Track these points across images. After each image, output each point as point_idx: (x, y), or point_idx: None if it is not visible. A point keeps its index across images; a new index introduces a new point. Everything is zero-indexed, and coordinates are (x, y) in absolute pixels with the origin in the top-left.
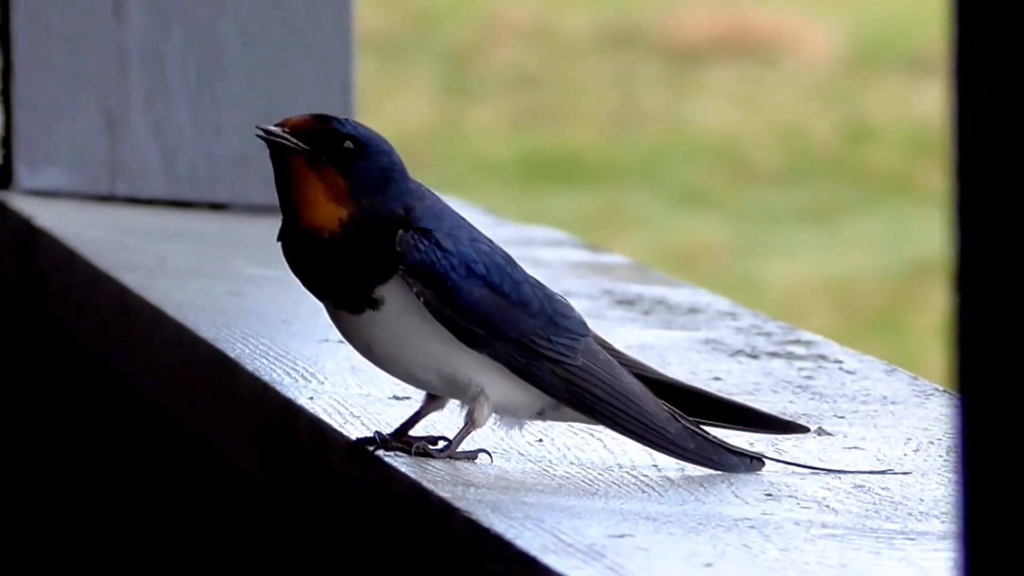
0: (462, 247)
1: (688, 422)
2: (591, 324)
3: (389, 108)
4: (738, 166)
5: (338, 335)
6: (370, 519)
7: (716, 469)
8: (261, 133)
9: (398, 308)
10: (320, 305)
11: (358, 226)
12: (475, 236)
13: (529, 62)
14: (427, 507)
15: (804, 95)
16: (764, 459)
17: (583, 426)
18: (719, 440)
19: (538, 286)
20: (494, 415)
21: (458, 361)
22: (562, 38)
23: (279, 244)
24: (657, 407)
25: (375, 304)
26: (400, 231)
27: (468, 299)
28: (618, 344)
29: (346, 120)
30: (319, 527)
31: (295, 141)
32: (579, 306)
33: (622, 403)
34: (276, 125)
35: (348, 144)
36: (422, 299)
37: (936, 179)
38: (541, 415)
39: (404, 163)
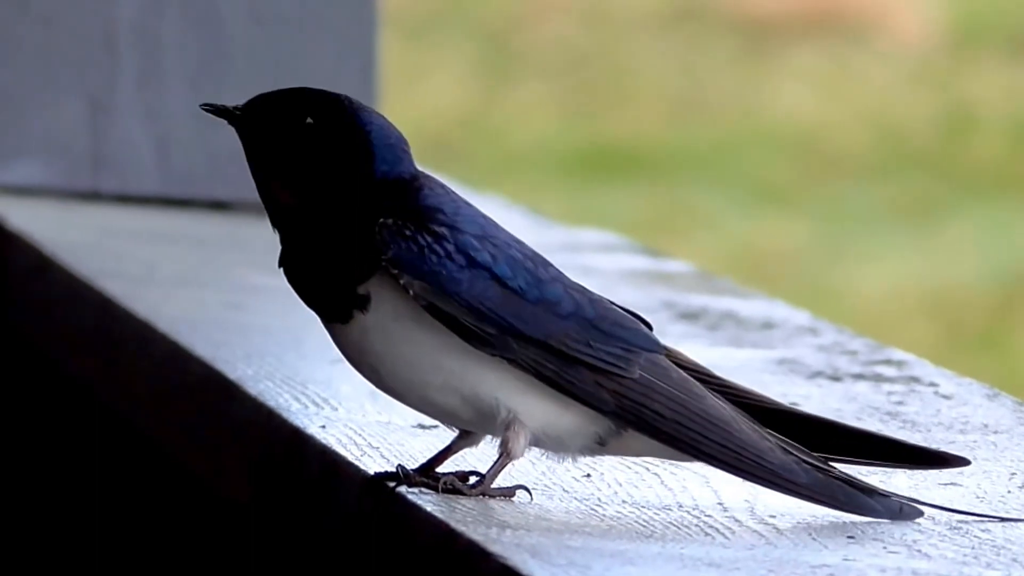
0: (460, 235)
1: (807, 456)
2: None
3: (419, 93)
4: (820, 159)
5: None
6: (390, 565)
7: (843, 511)
8: (205, 107)
9: (389, 310)
10: None
11: (323, 209)
12: (488, 231)
13: (579, 39)
14: (456, 551)
15: (897, 78)
16: (920, 506)
17: (636, 460)
18: (852, 479)
19: (578, 289)
20: (536, 446)
21: (478, 376)
22: (617, 11)
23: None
24: (756, 436)
25: (362, 305)
26: (380, 219)
27: (470, 291)
28: None
29: (315, 91)
30: (331, 574)
31: (235, 110)
32: None
33: (700, 425)
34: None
35: (309, 120)
36: (411, 292)
37: None
38: (602, 444)
39: (400, 140)
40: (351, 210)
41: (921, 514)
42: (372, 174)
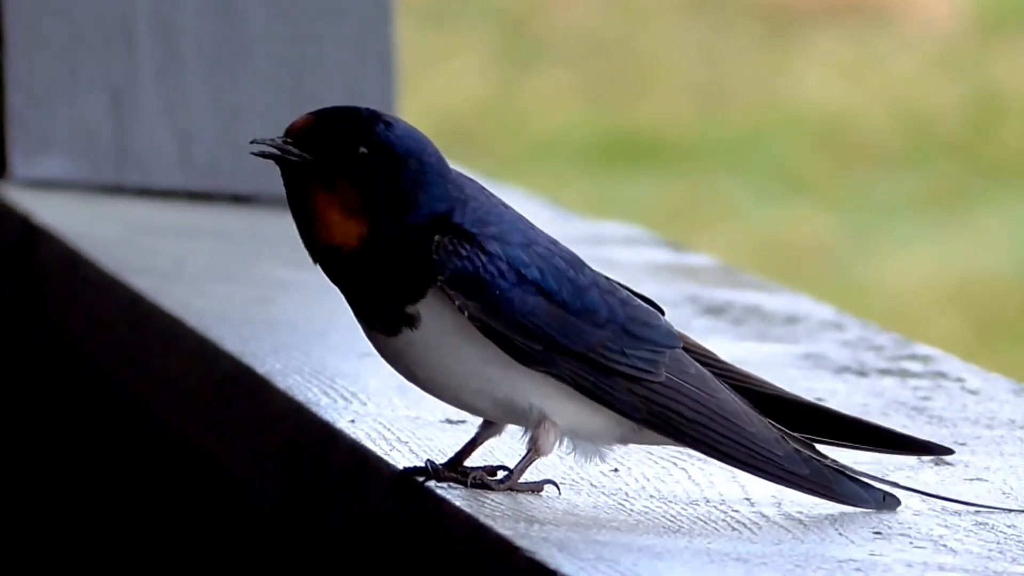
0: (510, 249)
1: (802, 444)
2: None
3: (436, 82)
4: (847, 148)
5: None
6: (419, 560)
7: (836, 501)
8: (256, 152)
9: (438, 326)
10: None
11: (383, 239)
12: (530, 237)
13: (599, 25)
14: (485, 546)
15: (924, 64)
16: (899, 495)
17: (665, 454)
18: (842, 467)
19: (610, 290)
20: (566, 443)
21: (515, 384)
22: None
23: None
24: (763, 427)
25: (411, 322)
26: (436, 236)
27: (521, 310)
28: None
29: (364, 114)
30: (359, 569)
31: (297, 152)
32: None
33: (718, 424)
34: (284, 134)
35: (363, 150)
36: (466, 313)
37: None
38: (621, 441)
39: (441, 157)
40: (409, 232)
41: (899, 503)
42: (428, 194)
